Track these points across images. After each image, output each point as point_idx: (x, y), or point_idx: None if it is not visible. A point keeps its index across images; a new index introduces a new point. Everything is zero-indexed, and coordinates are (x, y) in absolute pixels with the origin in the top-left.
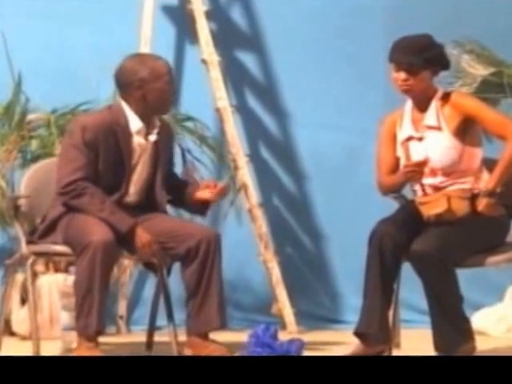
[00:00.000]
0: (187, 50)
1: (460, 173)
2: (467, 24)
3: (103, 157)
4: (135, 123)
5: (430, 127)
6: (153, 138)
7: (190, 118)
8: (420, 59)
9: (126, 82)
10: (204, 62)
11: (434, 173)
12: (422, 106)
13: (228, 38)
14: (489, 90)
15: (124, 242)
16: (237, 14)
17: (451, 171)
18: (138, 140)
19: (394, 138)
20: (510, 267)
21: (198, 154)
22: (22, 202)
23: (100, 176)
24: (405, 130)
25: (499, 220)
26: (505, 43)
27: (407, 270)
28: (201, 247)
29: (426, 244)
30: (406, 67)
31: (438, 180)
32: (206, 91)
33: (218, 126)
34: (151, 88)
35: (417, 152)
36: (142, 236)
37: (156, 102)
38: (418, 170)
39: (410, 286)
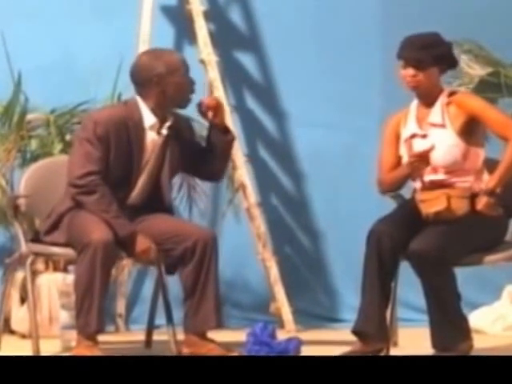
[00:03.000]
0: (186, 50)
1: (462, 171)
2: (465, 23)
3: (114, 151)
4: (149, 118)
5: (434, 125)
6: (165, 131)
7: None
8: (428, 55)
9: (143, 79)
10: (202, 62)
11: (435, 170)
12: (427, 103)
13: (226, 38)
14: (486, 90)
15: (123, 245)
16: (235, 14)
17: (453, 169)
18: (151, 135)
19: (398, 137)
20: (507, 266)
21: None
22: (21, 201)
23: (110, 170)
24: (409, 127)
25: (498, 219)
26: (502, 43)
27: (405, 269)
28: (197, 248)
29: (424, 243)
30: (415, 63)
31: (440, 177)
32: (205, 91)
33: None
34: (169, 82)
35: (420, 149)
36: (142, 243)
37: (175, 95)
38: (422, 160)
39: (408, 285)
